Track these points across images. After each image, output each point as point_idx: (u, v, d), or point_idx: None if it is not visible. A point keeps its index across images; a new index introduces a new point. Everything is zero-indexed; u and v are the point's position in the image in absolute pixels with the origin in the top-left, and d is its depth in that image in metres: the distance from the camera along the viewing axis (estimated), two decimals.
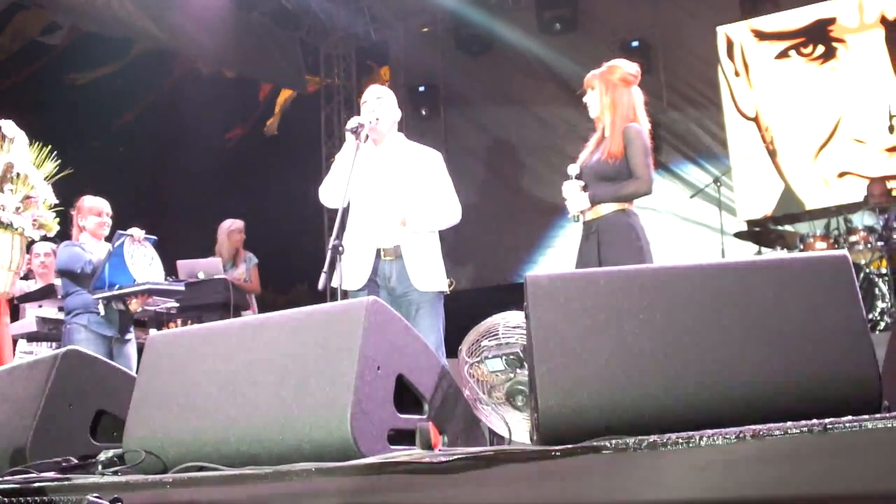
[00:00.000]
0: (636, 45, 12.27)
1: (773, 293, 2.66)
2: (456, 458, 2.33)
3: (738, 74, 12.09)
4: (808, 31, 11.64)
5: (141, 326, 7.86)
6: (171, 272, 8.07)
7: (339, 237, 5.00)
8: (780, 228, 10.50)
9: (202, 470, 2.88)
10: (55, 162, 5.24)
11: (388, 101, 5.72)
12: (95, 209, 7.18)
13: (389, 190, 5.53)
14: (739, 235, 10.23)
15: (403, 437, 2.92)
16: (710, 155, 12.26)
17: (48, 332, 7.60)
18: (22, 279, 7.76)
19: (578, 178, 5.53)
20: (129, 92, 13.41)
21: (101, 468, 3.07)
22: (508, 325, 3.63)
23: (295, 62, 14.22)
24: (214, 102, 13.72)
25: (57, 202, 5.29)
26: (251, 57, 13.62)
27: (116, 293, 6.87)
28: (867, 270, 8.54)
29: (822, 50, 11.54)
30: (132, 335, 7.21)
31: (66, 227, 6.68)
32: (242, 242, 9.60)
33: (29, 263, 8.07)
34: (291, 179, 13.23)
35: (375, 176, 5.57)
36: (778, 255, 8.84)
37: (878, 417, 2.05)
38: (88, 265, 6.91)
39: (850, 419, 2.06)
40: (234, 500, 2.62)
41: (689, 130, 12.42)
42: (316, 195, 5.68)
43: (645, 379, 2.59)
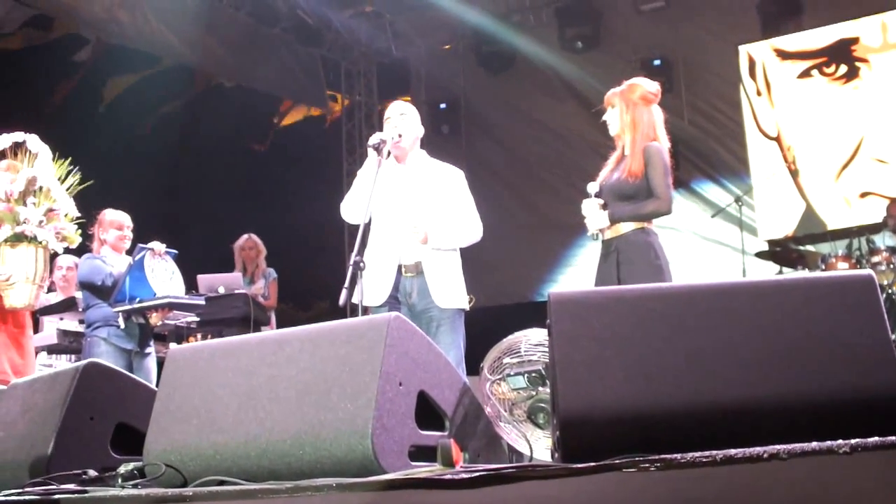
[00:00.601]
0: (658, 63, 12.28)
1: (798, 312, 2.65)
2: (477, 475, 2.32)
3: (759, 94, 12.08)
4: (830, 50, 11.63)
5: (161, 340, 7.86)
6: (191, 286, 8.08)
7: (360, 253, 4.99)
8: (801, 248, 10.45)
9: (222, 484, 2.87)
10: (76, 175, 5.26)
11: (411, 117, 5.72)
12: (116, 222, 7.20)
13: (411, 206, 5.53)
14: (760, 255, 10.20)
15: (424, 453, 2.90)
16: (731, 174, 12.24)
17: (68, 344, 7.62)
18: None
19: (598, 196, 5.52)
20: (150, 105, 13.46)
21: (120, 481, 3.06)
22: (530, 342, 3.63)
23: (316, 78, 14.26)
24: (237, 117, 13.76)
25: (79, 215, 5.31)
26: (272, 72, 13.66)
27: (137, 307, 6.89)
28: (890, 291, 8.49)
29: (844, 69, 11.53)
30: (152, 349, 7.23)
31: (87, 240, 6.70)
32: (260, 257, 9.62)
33: (51, 276, 8.11)
34: (312, 195, 13.23)
35: (397, 192, 5.57)
36: (802, 274, 8.80)
37: None
38: (109, 278, 6.92)
39: (876, 440, 2.04)
40: None
41: (710, 149, 12.41)
42: (337, 212, 5.68)
43: (667, 397, 2.58)
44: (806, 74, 11.74)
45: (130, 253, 7.06)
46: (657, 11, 12.55)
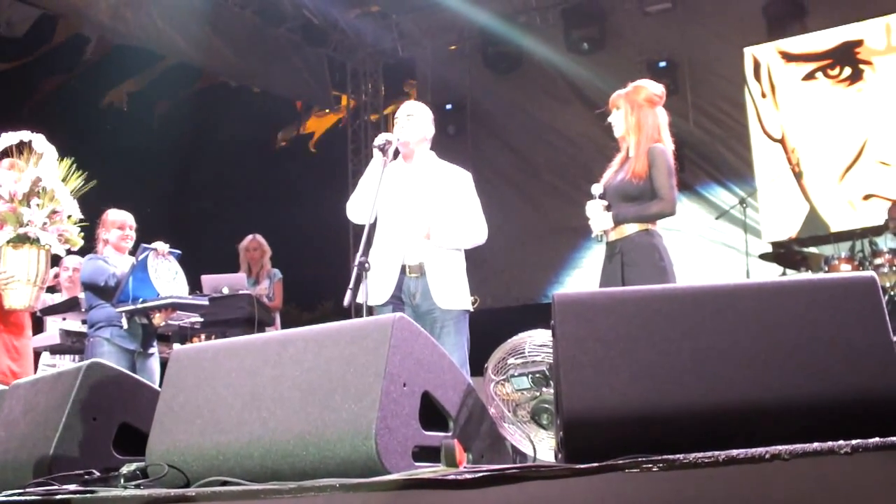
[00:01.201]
0: (663, 65, 12.30)
1: (800, 314, 2.65)
2: (481, 475, 2.32)
3: (764, 96, 12.07)
4: (835, 52, 11.62)
5: (164, 341, 7.85)
6: (195, 287, 8.08)
7: (365, 254, 4.99)
8: (804, 250, 10.42)
9: (225, 484, 2.87)
10: (80, 175, 5.24)
11: (418, 118, 5.71)
12: (119, 222, 7.18)
13: (416, 206, 5.53)
14: (764, 257, 10.19)
15: (428, 454, 2.90)
16: (735, 176, 12.23)
17: (71, 344, 7.62)
18: (48, 292, 7.80)
19: (602, 197, 5.52)
20: (155, 105, 13.47)
21: (123, 481, 3.06)
22: (535, 343, 3.63)
23: (321, 78, 14.25)
24: (242, 117, 13.76)
25: (82, 217, 5.30)
26: (277, 72, 13.66)
27: (140, 307, 6.87)
28: (892, 293, 8.49)
29: (849, 72, 11.52)
30: (155, 349, 7.21)
31: (90, 241, 6.70)
32: (265, 258, 9.61)
33: (57, 276, 8.11)
34: (317, 196, 13.24)
35: (403, 192, 5.57)
36: (805, 276, 8.80)
37: None
38: (112, 278, 6.91)
39: (877, 440, 2.04)
40: None
41: (715, 151, 12.40)
42: (342, 212, 5.68)
43: (671, 398, 2.58)
44: (810, 76, 11.73)
45: (134, 253, 7.05)
46: (663, 13, 12.54)
